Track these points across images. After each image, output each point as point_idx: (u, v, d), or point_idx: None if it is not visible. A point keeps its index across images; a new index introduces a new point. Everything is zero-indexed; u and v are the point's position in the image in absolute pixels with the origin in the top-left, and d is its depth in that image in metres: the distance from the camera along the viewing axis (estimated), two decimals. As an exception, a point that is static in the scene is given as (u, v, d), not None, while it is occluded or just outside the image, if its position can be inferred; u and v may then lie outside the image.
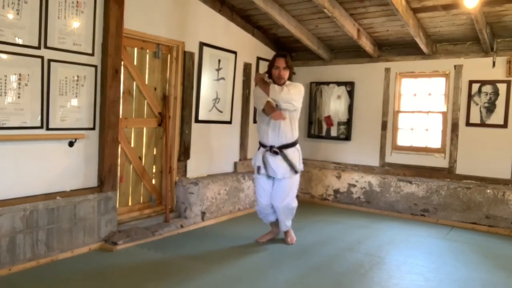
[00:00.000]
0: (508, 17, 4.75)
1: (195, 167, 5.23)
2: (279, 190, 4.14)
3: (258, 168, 4.19)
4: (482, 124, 5.46)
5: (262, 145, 4.21)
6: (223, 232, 4.74)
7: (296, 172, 4.14)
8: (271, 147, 4.09)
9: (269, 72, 4.15)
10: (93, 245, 3.94)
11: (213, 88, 5.40)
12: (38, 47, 3.51)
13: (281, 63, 4.05)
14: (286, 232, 4.37)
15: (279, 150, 4.07)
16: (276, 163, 4.08)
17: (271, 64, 4.12)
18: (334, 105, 6.53)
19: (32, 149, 3.56)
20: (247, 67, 5.98)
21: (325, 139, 6.63)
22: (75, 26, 3.77)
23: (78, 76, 3.83)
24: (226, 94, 5.62)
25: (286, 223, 4.28)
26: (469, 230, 5.20)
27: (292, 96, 4.00)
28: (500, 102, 5.33)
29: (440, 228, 5.24)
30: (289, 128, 4.08)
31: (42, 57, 3.54)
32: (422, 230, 5.12)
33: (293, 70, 4.21)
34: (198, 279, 3.36)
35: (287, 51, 6.68)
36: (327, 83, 6.58)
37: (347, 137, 6.43)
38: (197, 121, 5.20)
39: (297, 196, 4.40)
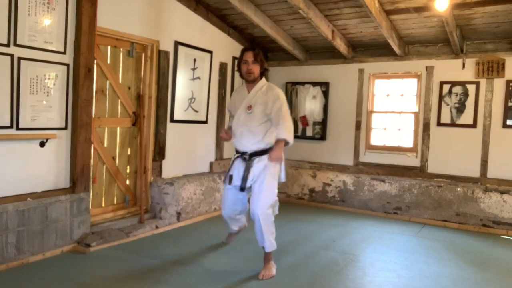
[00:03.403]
0: (477, 20, 4.89)
1: (170, 167, 5.19)
2: (257, 193, 3.53)
3: (230, 177, 3.69)
4: (453, 124, 5.60)
5: (237, 151, 3.72)
6: (199, 233, 4.71)
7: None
8: (243, 153, 3.62)
9: (238, 69, 3.65)
10: (65, 248, 3.86)
11: (188, 87, 5.36)
12: (8, 45, 3.42)
13: (249, 56, 3.54)
14: (267, 256, 3.58)
15: (249, 158, 3.57)
16: (242, 171, 3.60)
17: (240, 59, 3.62)
18: (310, 105, 6.59)
19: (1, 150, 3.46)
20: (223, 66, 5.96)
21: (300, 138, 6.67)
22: (46, 24, 3.68)
23: (49, 75, 3.74)
24: (201, 94, 5.59)
25: (269, 241, 3.52)
26: (440, 227, 5.33)
27: (288, 117, 3.52)
28: (470, 103, 5.49)
29: (412, 225, 5.36)
30: (265, 130, 3.58)
31: (11, 55, 3.44)
32: (395, 227, 5.22)
33: (265, 66, 3.66)
34: (173, 281, 3.33)
35: (263, 51, 6.68)
36: (303, 83, 6.64)
37: (322, 137, 6.49)
38: (172, 120, 5.16)
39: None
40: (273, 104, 3.49)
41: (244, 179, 3.55)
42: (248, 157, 3.58)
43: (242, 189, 3.59)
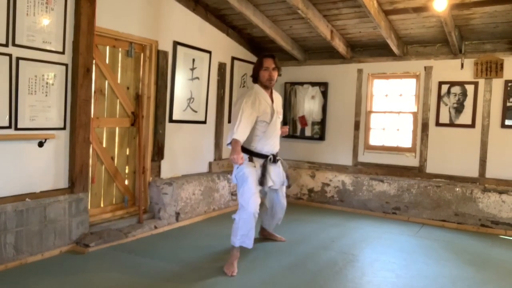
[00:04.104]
0: (475, 20, 4.90)
1: (169, 167, 5.19)
2: (282, 196, 4.16)
3: (261, 181, 3.78)
4: (451, 124, 5.61)
5: (259, 155, 3.81)
6: (198, 233, 4.71)
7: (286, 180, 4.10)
8: (274, 156, 3.89)
9: (255, 75, 3.86)
10: (64, 248, 3.86)
11: (187, 87, 5.36)
12: (6, 45, 3.41)
13: (270, 63, 3.80)
14: (271, 232, 4.51)
15: (275, 157, 3.92)
16: (277, 171, 3.93)
17: (259, 65, 3.82)
18: (308, 105, 6.59)
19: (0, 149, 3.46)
20: (221, 66, 5.96)
21: (299, 139, 6.68)
22: (45, 24, 3.68)
23: (48, 75, 3.74)
24: (200, 94, 5.59)
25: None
26: (439, 227, 5.34)
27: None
28: (468, 103, 5.49)
29: (411, 225, 5.36)
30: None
31: (10, 55, 3.44)
32: (393, 227, 5.22)
33: (280, 72, 3.97)
34: (171, 281, 3.33)
35: (261, 51, 6.71)
36: (302, 84, 6.64)
37: (321, 137, 6.49)
38: (171, 120, 5.15)
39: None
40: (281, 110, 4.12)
41: (286, 175, 4.05)
42: (277, 157, 3.96)
43: (289, 186, 4.17)
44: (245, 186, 3.68)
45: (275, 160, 3.90)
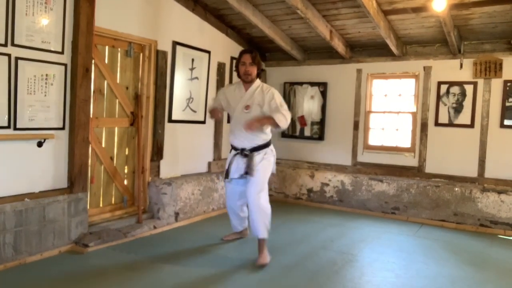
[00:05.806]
0: (474, 21, 4.90)
1: (168, 167, 5.18)
2: (250, 184, 3.81)
3: (227, 172, 3.98)
4: (450, 124, 5.62)
5: (232, 147, 4.02)
6: (197, 233, 4.71)
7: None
8: (242, 150, 3.89)
9: (236, 69, 3.95)
10: (63, 248, 3.85)
11: (186, 87, 5.36)
12: (5, 45, 3.41)
13: (247, 58, 3.83)
14: (260, 244, 3.82)
15: (250, 152, 3.85)
16: (241, 164, 3.89)
17: (238, 60, 3.91)
18: (308, 105, 6.59)
19: (-2, 150, 3.45)
20: (221, 66, 5.96)
21: (298, 139, 6.68)
22: (44, 24, 3.68)
23: (47, 75, 3.74)
24: (200, 94, 5.59)
25: (263, 228, 3.79)
26: (438, 227, 5.34)
27: (284, 107, 3.80)
28: (467, 103, 5.50)
29: (410, 225, 5.36)
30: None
31: (9, 55, 3.44)
32: (393, 227, 5.22)
33: (262, 67, 3.94)
34: (170, 281, 3.32)
35: (261, 51, 6.72)
36: (301, 84, 6.64)
37: (320, 137, 6.50)
38: (170, 120, 5.15)
39: (271, 196, 4.36)
40: (269, 104, 3.79)
41: (250, 166, 3.80)
42: (249, 152, 3.85)
43: (246, 173, 3.84)
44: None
45: (242, 154, 3.87)
